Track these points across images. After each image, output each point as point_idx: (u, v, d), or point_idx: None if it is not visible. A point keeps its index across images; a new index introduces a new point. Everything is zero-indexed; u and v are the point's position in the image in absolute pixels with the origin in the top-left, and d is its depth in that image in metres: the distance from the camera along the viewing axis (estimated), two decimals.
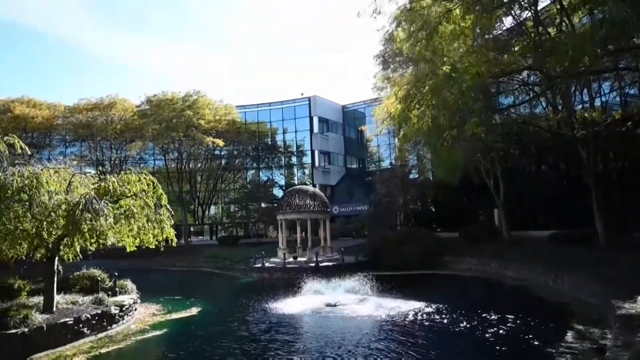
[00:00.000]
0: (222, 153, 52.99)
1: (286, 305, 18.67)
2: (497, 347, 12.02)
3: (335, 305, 18.05)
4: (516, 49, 18.43)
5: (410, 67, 24.02)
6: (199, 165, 52.00)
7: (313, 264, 29.02)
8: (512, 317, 14.86)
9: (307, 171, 53.99)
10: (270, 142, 55.08)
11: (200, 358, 12.29)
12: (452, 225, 34.20)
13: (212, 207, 57.27)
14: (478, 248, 28.93)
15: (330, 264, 29.62)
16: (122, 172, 16.10)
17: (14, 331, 12.15)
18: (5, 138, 14.01)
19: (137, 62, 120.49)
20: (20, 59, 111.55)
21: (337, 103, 56.66)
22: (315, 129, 52.60)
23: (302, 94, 53.65)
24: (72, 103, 48.86)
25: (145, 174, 16.03)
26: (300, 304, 18.67)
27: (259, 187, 51.29)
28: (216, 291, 25.48)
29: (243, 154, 54.54)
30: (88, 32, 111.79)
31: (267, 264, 30.48)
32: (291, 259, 30.92)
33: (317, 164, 52.62)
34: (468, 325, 14.27)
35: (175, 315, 17.77)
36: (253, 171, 55.87)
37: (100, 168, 40.19)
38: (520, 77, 22.59)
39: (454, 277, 26.52)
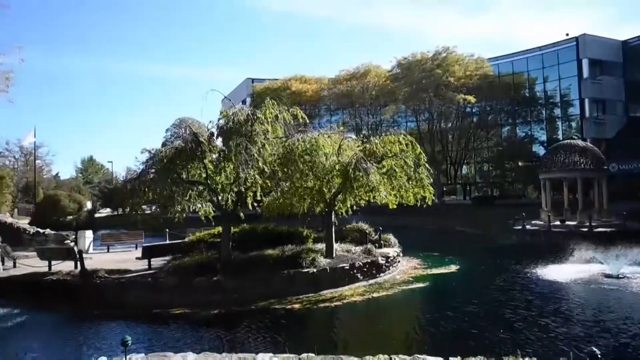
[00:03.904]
0: (474, 110, 51.07)
1: (554, 272, 17.01)
2: None
3: (617, 277, 15.65)
4: None
5: None
6: (450, 124, 51.55)
7: (585, 229, 25.59)
8: None
9: (573, 124, 47.14)
10: (527, 94, 50.00)
11: (477, 314, 12.39)
12: None
13: (464, 166, 56.23)
14: None
15: (607, 229, 25.63)
16: (383, 134, 17.29)
17: (306, 270, 14.80)
18: (290, 110, 16.67)
19: (389, 26, 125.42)
20: (292, 41, 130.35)
21: (614, 39, 46.89)
22: (585, 74, 44.96)
23: (567, 35, 46.42)
24: (334, 75, 54.74)
25: (404, 135, 16.82)
26: (570, 272, 16.74)
27: (515, 144, 47.68)
28: (473, 251, 25.11)
29: (497, 110, 51.21)
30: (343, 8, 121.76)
31: (528, 227, 28.55)
32: (557, 222, 27.96)
33: (587, 114, 45.24)
34: None
35: (435, 271, 18.41)
36: (508, 127, 51.96)
37: (365, 133, 43.89)
38: None
39: None
